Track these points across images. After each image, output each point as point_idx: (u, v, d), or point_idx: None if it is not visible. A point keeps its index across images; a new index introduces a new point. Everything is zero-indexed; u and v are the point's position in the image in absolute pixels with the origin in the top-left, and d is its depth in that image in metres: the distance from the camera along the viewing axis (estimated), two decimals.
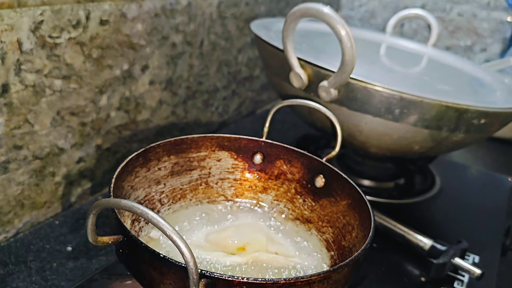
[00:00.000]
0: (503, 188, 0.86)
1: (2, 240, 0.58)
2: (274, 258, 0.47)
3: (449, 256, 0.59)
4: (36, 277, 0.53)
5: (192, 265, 0.31)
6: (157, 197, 0.52)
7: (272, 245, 0.49)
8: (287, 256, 0.48)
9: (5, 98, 0.53)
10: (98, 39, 0.62)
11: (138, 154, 0.49)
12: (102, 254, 0.58)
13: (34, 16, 0.53)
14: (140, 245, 0.35)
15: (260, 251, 0.47)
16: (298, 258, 0.48)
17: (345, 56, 0.54)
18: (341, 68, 0.56)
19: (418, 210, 0.76)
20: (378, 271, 0.60)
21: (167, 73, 0.77)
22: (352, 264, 0.38)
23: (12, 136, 0.55)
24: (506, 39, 1.28)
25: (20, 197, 0.59)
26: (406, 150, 0.67)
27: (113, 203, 0.34)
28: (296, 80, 0.63)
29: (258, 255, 0.46)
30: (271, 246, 0.49)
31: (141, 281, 0.38)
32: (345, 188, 0.51)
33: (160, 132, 0.80)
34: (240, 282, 0.33)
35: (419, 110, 0.59)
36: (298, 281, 0.34)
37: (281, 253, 0.48)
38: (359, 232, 0.47)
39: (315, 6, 0.55)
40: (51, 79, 0.57)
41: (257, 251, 0.47)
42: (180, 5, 0.75)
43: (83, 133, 0.64)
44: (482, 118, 0.61)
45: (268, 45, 0.67)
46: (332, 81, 0.58)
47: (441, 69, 0.85)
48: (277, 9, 1.08)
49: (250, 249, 0.48)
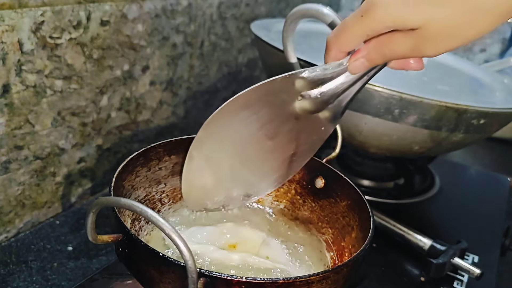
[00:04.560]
0: (502, 188, 0.86)
1: (3, 240, 0.58)
2: (262, 262, 0.46)
3: (448, 256, 0.59)
4: (36, 276, 0.53)
5: (191, 264, 0.31)
6: (158, 196, 0.52)
7: (266, 249, 0.48)
8: (277, 262, 0.47)
9: (6, 99, 0.53)
10: (99, 40, 0.62)
11: (139, 153, 0.49)
12: (103, 254, 0.58)
13: (35, 16, 0.53)
14: (139, 244, 0.36)
15: (250, 252, 0.47)
16: (288, 266, 0.47)
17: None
18: None
19: (417, 210, 0.76)
20: (378, 271, 0.60)
21: (167, 73, 0.78)
22: (351, 264, 0.38)
23: (13, 136, 0.55)
24: (506, 40, 1.28)
25: (21, 197, 0.59)
26: (405, 150, 0.67)
27: (112, 202, 0.35)
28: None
29: (247, 256, 0.46)
30: (264, 250, 0.48)
31: (140, 280, 0.38)
32: (345, 189, 0.51)
33: (160, 133, 0.80)
34: (239, 282, 0.33)
35: (418, 111, 0.59)
36: (297, 281, 0.34)
37: (272, 258, 0.47)
38: (358, 233, 0.47)
39: (315, 6, 0.55)
40: (51, 79, 0.57)
41: (247, 252, 0.47)
42: (180, 6, 0.75)
43: (84, 133, 0.65)
44: (481, 118, 0.61)
45: (268, 45, 0.67)
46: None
47: (441, 69, 0.85)
48: (277, 10, 1.09)
49: (241, 248, 0.48)
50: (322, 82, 0.41)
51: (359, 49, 0.38)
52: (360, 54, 0.37)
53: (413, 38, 0.33)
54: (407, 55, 0.35)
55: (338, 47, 0.38)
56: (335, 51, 0.38)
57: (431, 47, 0.34)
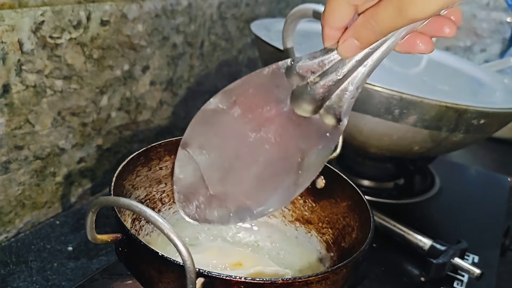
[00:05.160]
0: (502, 188, 0.86)
1: (3, 240, 0.58)
2: (276, 270, 0.45)
3: (448, 256, 0.59)
4: (37, 277, 0.53)
5: (190, 264, 0.31)
6: (158, 196, 0.52)
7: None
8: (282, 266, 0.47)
9: (6, 99, 0.53)
10: (99, 40, 0.62)
11: (140, 153, 0.49)
12: (103, 254, 0.58)
13: (35, 16, 0.53)
14: (138, 243, 0.36)
15: (261, 264, 0.46)
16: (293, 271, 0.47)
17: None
18: None
19: (417, 210, 0.76)
20: (378, 271, 0.60)
21: (167, 73, 0.78)
22: (351, 265, 0.38)
23: (13, 136, 0.55)
24: (506, 40, 1.28)
25: (21, 197, 0.59)
26: (405, 150, 0.67)
27: (112, 201, 0.35)
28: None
29: (261, 269, 0.44)
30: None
31: (139, 280, 0.38)
32: (345, 190, 0.51)
33: (160, 133, 0.80)
34: (238, 282, 0.33)
35: (418, 111, 0.59)
36: (296, 281, 0.34)
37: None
38: (358, 234, 0.47)
39: (315, 7, 0.56)
40: (52, 79, 0.57)
41: (257, 265, 0.45)
42: (180, 6, 0.76)
43: (84, 134, 0.65)
44: (481, 119, 0.61)
45: (268, 45, 0.67)
46: None
47: (441, 69, 0.85)
48: (277, 10, 1.09)
49: (248, 263, 0.46)
50: (312, 72, 0.36)
51: (347, 28, 0.34)
52: (349, 33, 0.34)
53: (395, 1, 0.31)
54: (395, 23, 0.32)
55: (327, 23, 0.34)
56: (327, 29, 0.35)
57: (416, 8, 0.30)
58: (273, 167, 0.42)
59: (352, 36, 0.34)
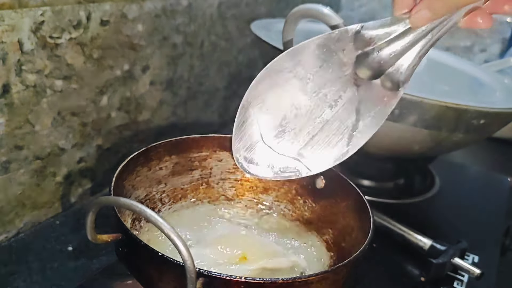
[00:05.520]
0: (502, 188, 0.86)
1: (3, 240, 0.58)
2: (278, 261, 0.45)
3: (448, 256, 0.59)
4: (37, 277, 0.53)
5: (190, 264, 0.31)
6: (158, 196, 0.52)
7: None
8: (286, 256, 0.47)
9: (6, 99, 0.53)
10: (99, 40, 0.62)
11: (139, 153, 0.49)
12: (103, 254, 0.58)
13: (35, 16, 0.53)
14: (138, 243, 0.36)
15: (265, 257, 0.46)
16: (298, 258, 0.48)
17: None
18: None
19: (417, 210, 0.76)
20: (378, 271, 0.60)
21: (167, 73, 0.78)
22: (350, 265, 0.38)
23: (13, 136, 0.55)
24: (506, 40, 1.28)
25: (21, 197, 0.59)
26: (405, 150, 0.67)
27: (112, 201, 0.35)
28: None
29: (264, 263, 0.45)
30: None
31: (139, 279, 0.38)
32: (345, 190, 0.51)
33: (160, 133, 0.80)
34: (238, 282, 0.33)
35: (418, 111, 0.59)
36: (296, 281, 0.34)
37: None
38: (358, 234, 0.47)
39: (315, 7, 0.55)
40: (51, 79, 0.57)
41: (261, 258, 0.46)
42: (180, 6, 0.76)
43: (84, 133, 0.65)
44: (481, 118, 0.61)
45: (268, 45, 0.67)
46: None
47: (441, 69, 0.85)
48: (277, 10, 1.09)
49: (252, 256, 0.46)
50: (379, 39, 0.38)
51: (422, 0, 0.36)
52: (423, 4, 0.35)
53: None
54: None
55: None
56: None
57: None
58: (330, 126, 0.44)
59: (426, 8, 0.35)
